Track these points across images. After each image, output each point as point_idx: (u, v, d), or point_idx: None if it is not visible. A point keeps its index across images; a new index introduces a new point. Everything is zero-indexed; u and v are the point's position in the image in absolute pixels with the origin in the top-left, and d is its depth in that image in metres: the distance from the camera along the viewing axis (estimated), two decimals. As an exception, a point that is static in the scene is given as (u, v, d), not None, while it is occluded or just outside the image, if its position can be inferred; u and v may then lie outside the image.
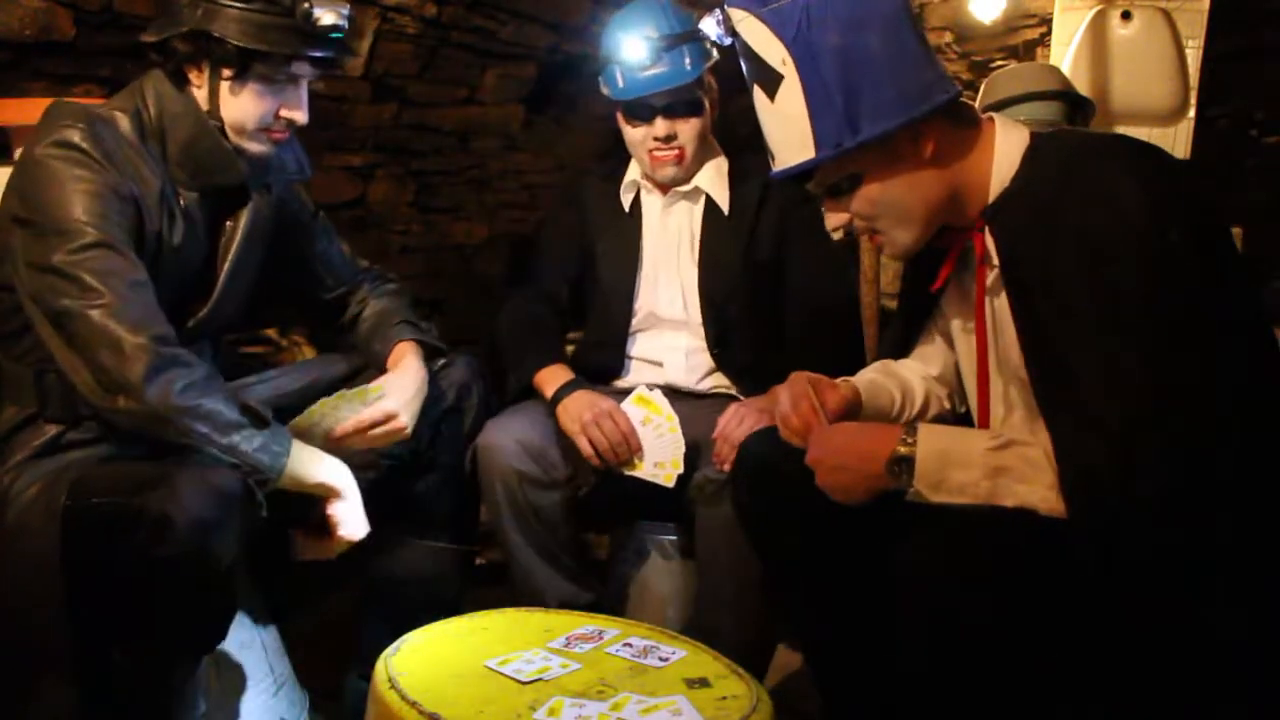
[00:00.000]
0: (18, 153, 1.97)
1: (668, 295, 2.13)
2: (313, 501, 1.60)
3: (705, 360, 2.12)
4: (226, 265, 1.69)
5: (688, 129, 2.04)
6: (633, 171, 2.18)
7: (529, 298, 2.19)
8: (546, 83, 3.15)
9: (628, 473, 1.95)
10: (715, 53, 2.04)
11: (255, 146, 1.63)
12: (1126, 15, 2.83)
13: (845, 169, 1.32)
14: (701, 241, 2.12)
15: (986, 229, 1.32)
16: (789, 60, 1.28)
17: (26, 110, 1.97)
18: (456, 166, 3.16)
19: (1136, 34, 2.82)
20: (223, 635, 1.50)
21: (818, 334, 2.06)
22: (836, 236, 2.02)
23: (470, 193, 3.28)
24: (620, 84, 2.05)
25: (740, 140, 2.07)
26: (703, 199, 2.13)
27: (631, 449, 1.93)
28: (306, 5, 1.55)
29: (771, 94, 1.31)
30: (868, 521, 1.34)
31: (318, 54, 1.59)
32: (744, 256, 2.09)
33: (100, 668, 1.44)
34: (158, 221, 1.56)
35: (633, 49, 2.00)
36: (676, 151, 2.05)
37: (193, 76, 1.59)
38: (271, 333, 2.64)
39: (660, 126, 2.02)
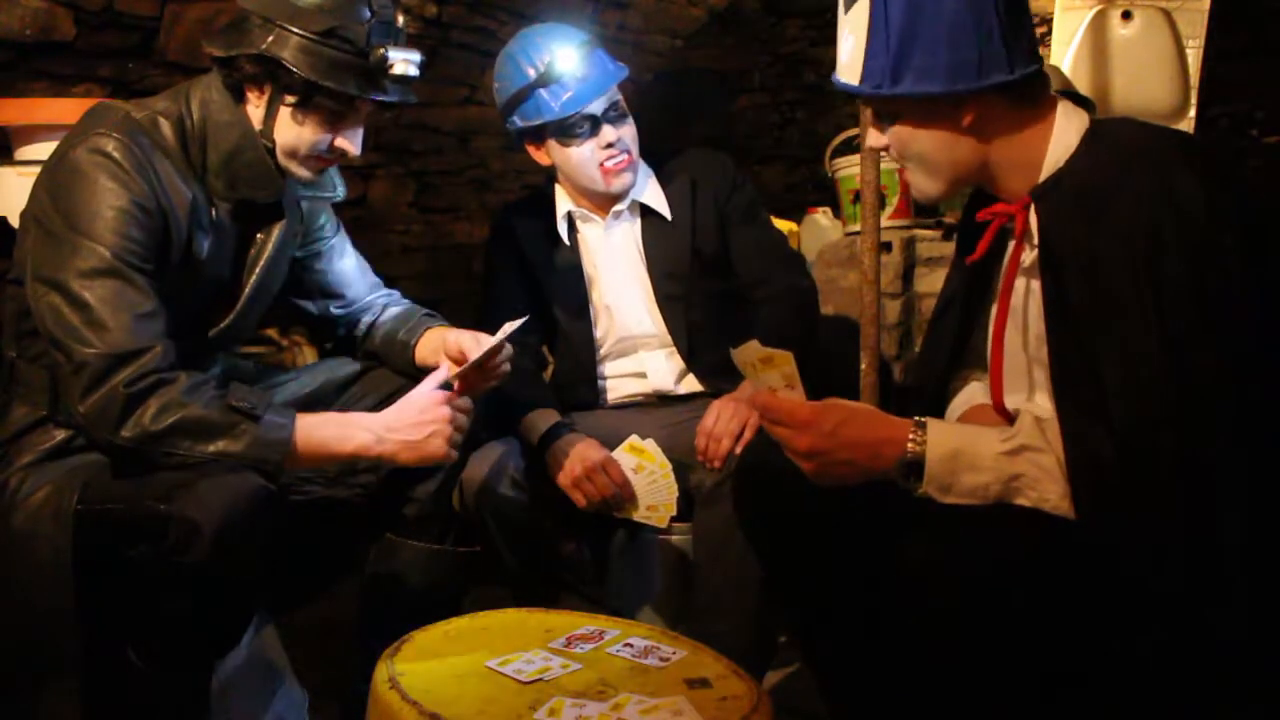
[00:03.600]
0: (18, 152, 1.98)
1: (635, 316, 2.12)
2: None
3: (681, 363, 2.13)
4: (253, 279, 1.68)
5: (628, 132, 2.03)
6: (563, 202, 2.14)
7: None
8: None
9: (619, 515, 1.95)
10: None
11: (302, 171, 1.63)
12: (1127, 15, 2.82)
13: (886, 106, 1.31)
14: (647, 252, 2.10)
15: (1032, 207, 1.29)
16: None
17: (26, 110, 1.97)
18: (456, 166, 3.16)
19: (1137, 34, 2.81)
20: (239, 639, 1.50)
21: (777, 324, 2.00)
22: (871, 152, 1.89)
23: (470, 193, 3.28)
24: (557, 104, 1.98)
25: (739, 139, 2.05)
26: (639, 212, 2.11)
27: (624, 498, 1.93)
28: (382, 51, 1.54)
29: (848, 6, 1.30)
30: (868, 522, 1.33)
31: (383, 98, 1.59)
32: (691, 254, 2.09)
33: (110, 670, 1.43)
34: (186, 235, 1.54)
35: (573, 59, 1.96)
36: (627, 155, 2.02)
37: (251, 95, 1.58)
38: (271, 332, 2.63)
39: (608, 133, 1.99)
